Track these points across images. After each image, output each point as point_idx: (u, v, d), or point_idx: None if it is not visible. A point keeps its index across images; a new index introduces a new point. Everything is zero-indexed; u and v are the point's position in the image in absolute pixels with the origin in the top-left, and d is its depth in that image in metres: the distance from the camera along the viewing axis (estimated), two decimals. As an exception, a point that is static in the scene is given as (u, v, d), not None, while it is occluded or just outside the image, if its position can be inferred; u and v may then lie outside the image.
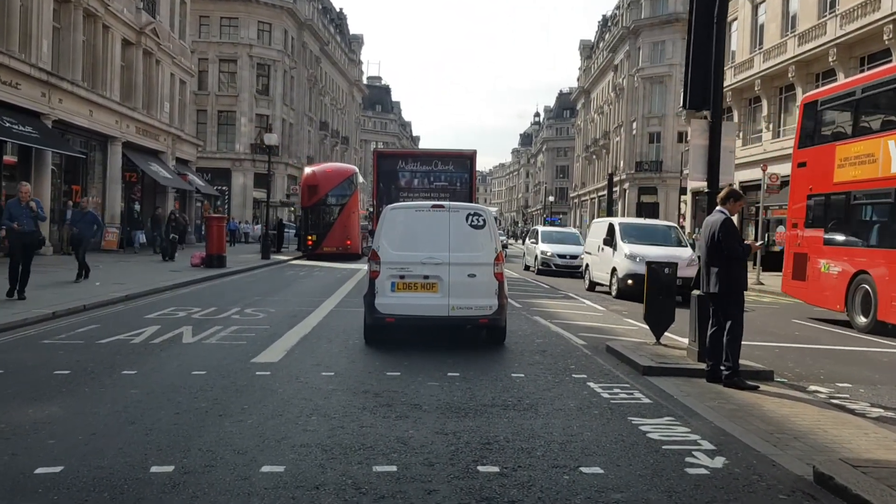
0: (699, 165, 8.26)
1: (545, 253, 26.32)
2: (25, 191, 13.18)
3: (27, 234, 12.77)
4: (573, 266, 25.16)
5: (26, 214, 12.78)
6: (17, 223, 12.78)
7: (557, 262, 25.96)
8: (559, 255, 26.11)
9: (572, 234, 30.59)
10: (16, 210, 12.84)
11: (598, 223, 21.57)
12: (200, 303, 13.87)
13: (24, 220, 12.72)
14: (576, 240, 28.26)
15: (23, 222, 12.71)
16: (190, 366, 7.86)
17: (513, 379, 7.46)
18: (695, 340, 8.22)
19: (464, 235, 9.20)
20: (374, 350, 9.16)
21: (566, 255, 25.95)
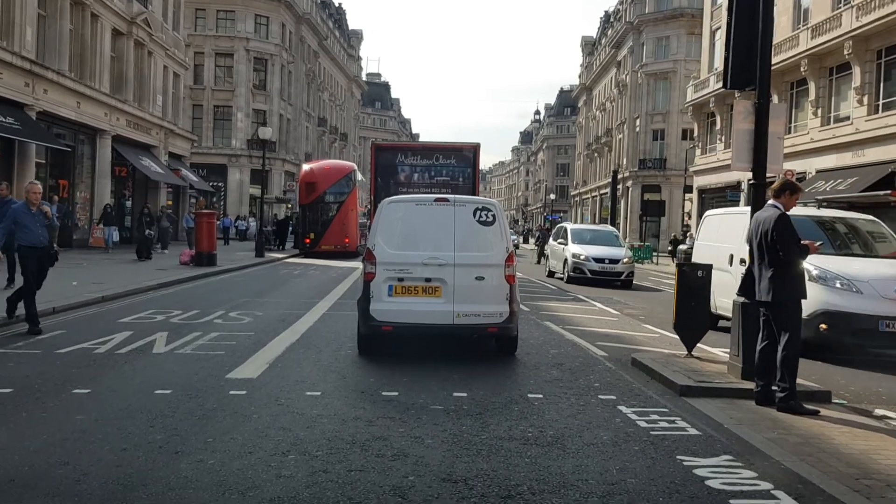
0: (743, 152, 7.17)
1: (578, 256, 21.38)
2: (36, 192, 9.81)
3: (39, 248, 9.63)
4: (614, 273, 21.05)
5: (39, 222, 9.61)
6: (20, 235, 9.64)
7: (593, 267, 21.02)
8: (595, 258, 21.18)
9: (609, 232, 25.03)
10: (25, 218, 9.54)
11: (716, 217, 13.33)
12: (182, 305, 12.80)
13: (36, 230, 9.55)
14: (613, 240, 23.40)
15: (36, 233, 9.56)
16: (154, 383, 6.78)
17: (530, 401, 6.37)
18: (738, 355, 7.14)
19: (471, 233, 8.12)
20: (369, 362, 8.08)
21: (604, 259, 21.14)
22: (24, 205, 9.74)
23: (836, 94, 29.79)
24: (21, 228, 9.54)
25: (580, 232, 23.96)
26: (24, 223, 9.53)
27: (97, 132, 28.91)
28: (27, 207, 9.66)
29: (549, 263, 25.08)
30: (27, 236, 9.52)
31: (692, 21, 54.72)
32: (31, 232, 9.52)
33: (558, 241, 23.83)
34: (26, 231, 9.53)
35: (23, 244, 9.60)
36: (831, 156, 29.13)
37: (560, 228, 25.65)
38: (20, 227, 9.53)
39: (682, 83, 53.53)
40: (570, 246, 22.19)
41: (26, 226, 9.50)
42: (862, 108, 27.53)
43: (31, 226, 9.54)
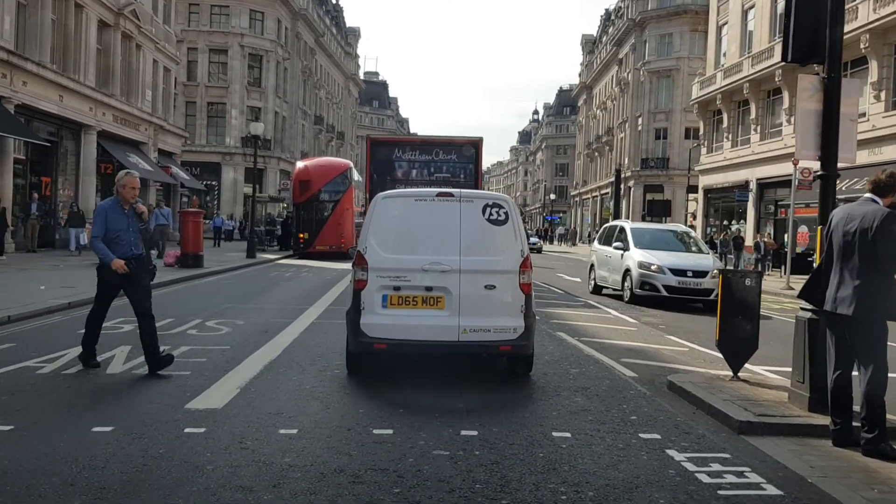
0: (809, 138, 5.96)
1: (647, 267, 15.47)
2: (134, 185, 7.42)
3: (134, 258, 7.31)
4: (699, 291, 15.04)
5: (133, 226, 7.35)
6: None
7: (670, 282, 15.13)
8: (673, 269, 15.23)
9: (681, 234, 18.50)
10: (117, 219, 7.22)
11: None
12: (156, 312, 11.19)
13: (128, 236, 7.26)
14: (691, 243, 17.56)
15: (126, 241, 7.25)
16: (95, 415, 5.56)
17: (556, 443, 5.14)
18: (802, 381, 5.93)
19: (480, 233, 6.89)
20: (359, 386, 6.85)
21: (686, 271, 15.12)
22: (116, 202, 7.28)
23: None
24: (108, 233, 7.19)
25: (644, 233, 17.44)
26: (113, 227, 7.16)
27: (82, 127, 27.67)
28: (119, 206, 7.25)
29: (596, 275, 18.33)
30: (114, 245, 7.17)
31: (696, 18, 53.62)
32: (121, 239, 7.19)
33: (613, 244, 17.24)
34: (115, 237, 7.19)
35: (107, 256, 7.15)
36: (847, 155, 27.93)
37: (611, 228, 18.97)
38: (113, 231, 7.19)
39: (686, 81, 52.40)
40: (634, 252, 16.08)
41: (116, 230, 7.18)
42: (879, 104, 26.38)
43: (121, 230, 7.19)
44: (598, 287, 18.20)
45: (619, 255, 16.72)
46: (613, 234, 18.08)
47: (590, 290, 18.55)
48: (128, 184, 7.38)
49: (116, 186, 7.40)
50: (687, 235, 18.53)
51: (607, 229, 19.36)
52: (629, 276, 15.94)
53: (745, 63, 35.76)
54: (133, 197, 7.43)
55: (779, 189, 33.84)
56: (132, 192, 7.44)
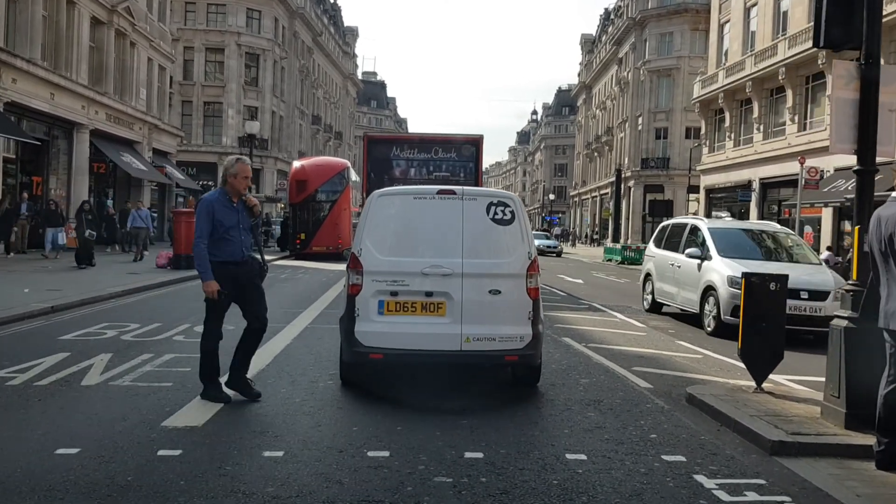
0: (845, 129, 5.47)
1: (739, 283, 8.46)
2: (247, 175, 6.27)
3: (239, 263, 6.18)
4: (820, 320, 10.30)
5: (243, 222, 6.22)
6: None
7: None
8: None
9: (777, 236, 13.55)
10: (227, 216, 6.09)
11: None
12: (143, 317, 11.06)
13: (238, 235, 6.14)
14: (791, 250, 12.99)
15: (237, 240, 6.14)
16: (62, 434, 5.05)
17: (571, 467, 4.63)
18: (837, 395, 5.43)
19: (484, 234, 6.37)
20: (353, 400, 6.34)
21: (800, 292, 10.74)
22: (223, 195, 6.15)
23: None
24: (214, 232, 6.05)
25: (729, 235, 12.82)
26: (221, 224, 6.02)
27: (74, 126, 27.12)
28: (227, 199, 6.13)
29: (655, 289, 14.18)
30: (223, 246, 6.05)
31: (696, 16, 53.22)
32: (230, 238, 6.06)
33: (684, 250, 12.91)
34: (223, 236, 6.03)
35: (213, 257, 6.02)
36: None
37: (677, 228, 14.40)
38: (222, 227, 6.06)
39: (686, 80, 51.96)
40: (718, 262, 11.69)
41: (225, 228, 6.03)
42: (887, 101, 25.87)
43: (231, 227, 6.06)
44: (656, 304, 14.22)
45: (695, 266, 12.30)
46: (681, 235, 13.70)
47: (644, 306, 14.68)
48: (240, 172, 6.15)
49: (225, 175, 6.21)
50: (788, 237, 13.73)
51: (670, 229, 14.86)
52: (714, 297, 11.39)
53: (747, 61, 35.27)
54: (245, 188, 6.26)
55: (782, 189, 33.37)
56: (244, 183, 6.21)
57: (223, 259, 6.05)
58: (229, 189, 6.19)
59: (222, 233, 6.04)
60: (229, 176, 6.19)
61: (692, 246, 12.76)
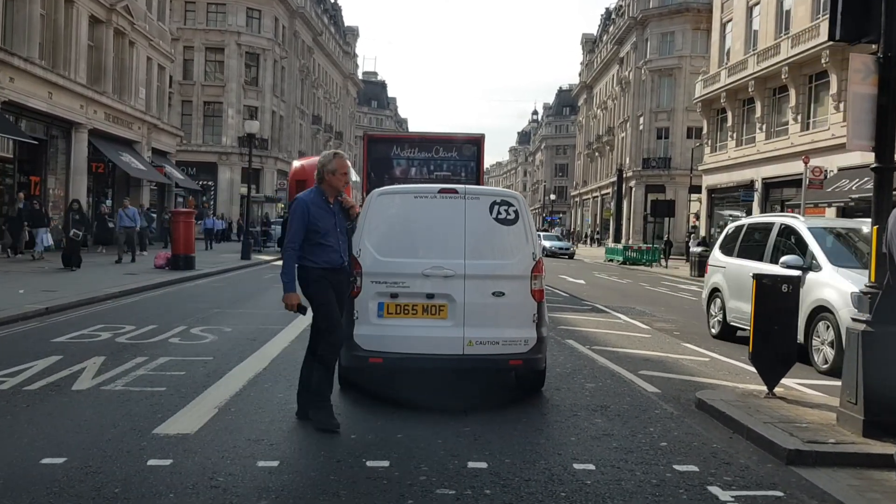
0: (862, 126, 5.27)
1: None
2: (346, 171, 5.62)
3: (338, 270, 5.52)
4: None
5: (340, 224, 5.58)
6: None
7: None
8: None
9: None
10: (323, 218, 5.42)
11: None
12: (139, 318, 10.86)
13: (336, 238, 5.49)
14: None
15: (335, 245, 5.48)
16: (49, 442, 4.85)
17: (579, 478, 4.42)
18: (855, 401, 5.23)
19: (487, 234, 6.17)
20: (352, 406, 6.14)
21: None
22: (319, 194, 5.48)
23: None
24: (310, 237, 5.36)
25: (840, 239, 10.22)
26: (318, 227, 5.36)
27: (72, 125, 26.94)
28: (324, 199, 5.48)
29: (727, 308, 10.95)
30: (319, 252, 5.38)
31: (698, 16, 53.04)
32: (327, 243, 5.39)
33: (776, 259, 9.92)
34: (319, 241, 5.37)
35: (312, 263, 5.37)
36: (855, 152, 27.17)
37: (762, 230, 11.14)
38: (309, 232, 5.36)
39: (688, 80, 51.76)
40: (831, 274, 8.93)
41: (322, 231, 5.37)
42: (891, 100, 25.67)
43: (328, 231, 5.41)
44: (728, 328, 10.92)
45: (805, 282, 8.84)
46: (765, 238, 10.66)
47: (712, 331, 11.42)
48: (339, 168, 5.46)
49: (321, 172, 5.49)
50: None
51: (745, 231, 11.64)
52: (830, 322, 8.54)
53: (749, 60, 35.05)
54: (343, 186, 5.59)
55: (785, 189, 33.16)
56: (343, 180, 5.53)
57: (323, 265, 5.40)
58: (326, 188, 5.49)
59: (318, 238, 5.36)
60: (326, 173, 5.47)
61: (787, 252, 9.77)
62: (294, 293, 5.43)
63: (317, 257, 5.40)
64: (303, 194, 5.57)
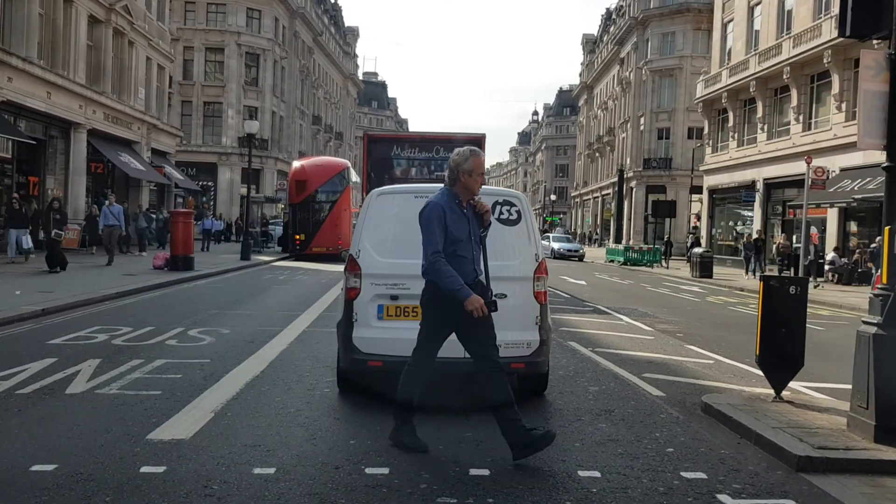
0: (873, 123, 5.15)
1: None
2: (482, 171, 5.05)
3: (475, 285, 4.88)
4: None
5: (476, 234, 4.95)
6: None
7: None
8: None
9: None
10: (458, 226, 4.81)
11: None
12: (136, 320, 10.74)
13: (471, 249, 4.89)
14: None
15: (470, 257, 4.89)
16: (39, 448, 4.73)
17: (584, 486, 4.30)
18: (866, 406, 5.10)
19: (489, 234, 6.04)
20: (351, 410, 6.02)
21: None
22: (452, 198, 4.84)
23: (861, 87, 27.73)
24: (448, 246, 4.73)
25: None
26: (452, 235, 4.73)
27: (71, 125, 26.83)
28: (457, 203, 4.83)
29: None
30: (453, 263, 4.73)
31: (699, 16, 52.98)
32: (462, 253, 4.79)
33: None
34: (453, 251, 4.74)
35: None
36: (857, 153, 27.05)
37: None
38: (447, 243, 4.72)
39: (689, 80, 51.67)
40: None
41: (455, 240, 4.75)
42: (894, 100, 25.54)
43: (462, 240, 4.79)
44: None
45: None
46: None
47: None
48: (475, 168, 4.80)
49: (455, 173, 4.81)
50: None
51: None
52: None
53: (751, 60, 34.95)
54: (479, 188, 4.95)
55: (787, 189, 33.05)
56: (480, 181, 4.89)
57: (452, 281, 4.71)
58: (460, 190, 4.83)
59: (451, 247, 4.73)
60: (462, 173, 4.80)
61: None
62: (473, 295, 4.65)
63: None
64: (436, 197, 4.88)
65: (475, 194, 4.90)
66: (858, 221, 28.60)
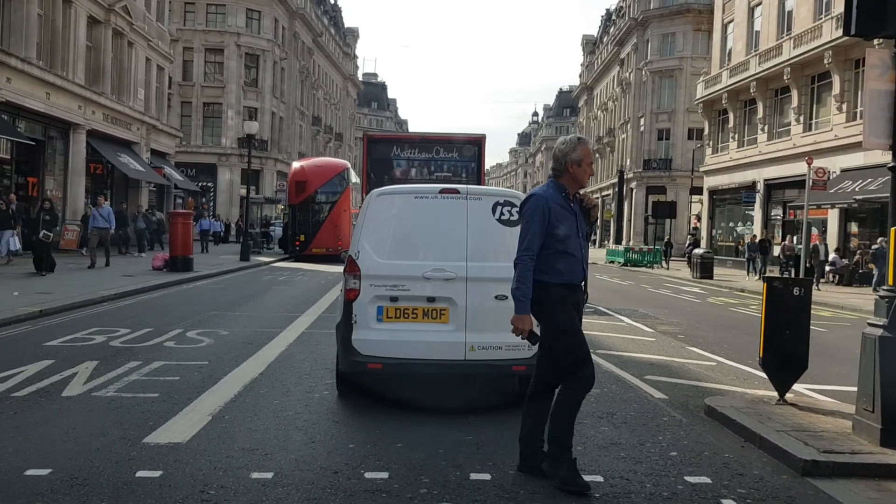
0: (879, 123, 5.08)
1: None
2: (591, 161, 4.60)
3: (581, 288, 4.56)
4: None
5: (583, 230, 4.54)
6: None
7: None
8: None
9: None
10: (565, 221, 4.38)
11: None
12: (135, 321, 10.67)
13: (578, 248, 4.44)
14: None
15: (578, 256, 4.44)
16: (34, 452, 4.66)
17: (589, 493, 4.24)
18: (872, 409, 5.04)
19: (489, 235, 5.98)
20: (350, 413, 5.95)
21: None
22: (559, 190, 4.43)
23: (861, 87, 27.61)
24: (548, 241, 4.32)
25: None
26: (558, 231, 4.32)
27: (70, 126, 26.76)
28: (564, 197, 4.43)
29: None
30: (561, 262, 4.34)
31: (699, 17, 52.90)
32: (570, 252, 4.36)
33: None
34: (560, 249, 4.33)
35: (551, 278, 4.31)
36: (858, 154, 27.01)
37: None
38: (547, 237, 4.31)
39: (689, 80, 51.59)
40: None
41: (563, 237, 4.33)
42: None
43: (570, 236, 4.35)
44: None
45: None
46: None
47: None
48: (584, 157, 4.41)
49: (563, 163, 4.42)
50: None
51: None
52: None
53: (751, 61, 34.89)
54: (587, 179, 4.53)
55: (787, 190, 32.98)
56: (589, 172, 4.50)
57: (566, 280, 4.34)
58: (567, 182, 4.44)
59: (558, 244, 4.30)
60: (570, 164, 4.40)
61: None
62: (529, 315, 4.30)
63: (557, 270, 4.30)
64: (539, 190, 4.49)
65: (583, 186, 4.52)
66: (859, 222, 28.54)
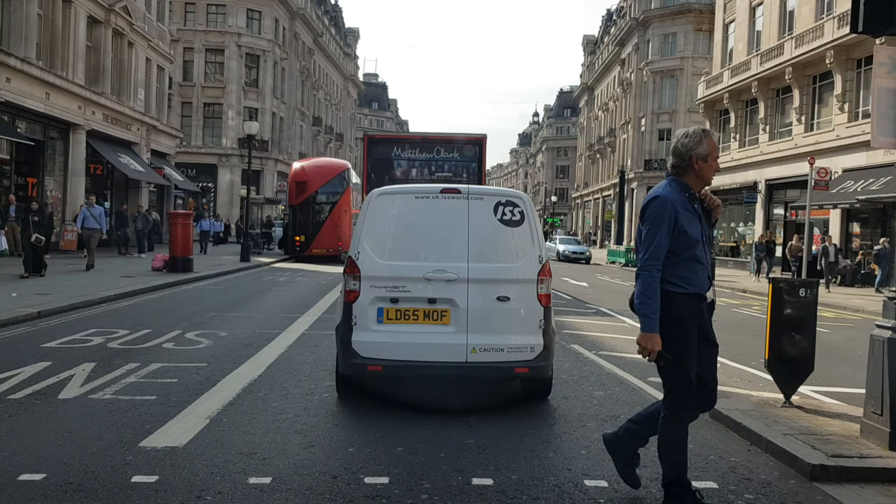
0: (887, 121, 5.00)
1: None
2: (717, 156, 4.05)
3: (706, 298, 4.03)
4: None
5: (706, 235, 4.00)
6: None
7: None
8: None
9: None
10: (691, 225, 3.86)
11: None
12: (133, 322, 10.60)
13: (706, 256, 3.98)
14: None
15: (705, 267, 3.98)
16: (29, 456, 4.58)
17: (591, 496, 4.15)
18: (880, 412, 4.95)
19: (491, 236, 5.90)
20: (349, 416, 5.87)
21: None
22: (683, 190, 3.92)
23: (863, 87, 27.55)
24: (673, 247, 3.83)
25: None
26: (686, 236, 3.82)
27: (70, 126, 26.68)
28: (688, 198, 3.91)
29: None
30: (687, 270, 3.86)
31: (700, 17, 52.86)
32: (696, 260, 3.87)
33: None
34: (687, 256, 3.85)
35: (678, 288, 3.82)
36: (860, 154, 26.94)
37: None
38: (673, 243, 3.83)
39: (690, 80, 51.53)
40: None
41: (689, 243, 3.83)
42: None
43: (696, 242, 3.85)
44: None
45: None
46: None
47: None
48: (711, 151, 3.90)
49: (687, 158, 3.89)
50: None
51: None
52: None
53: (753, 61, 34.79)
54: (712, 176, 4.00)
55: (789, 190, 32.90)
56: (715, 167, 3.98)
57: (693, 290, 3.86)
58: (692, 180, 3.91)
59: (686, 250, 3.82)
60: (696, 159, 3.86)
61: None
62: (657, 334, 3.74)
63: (685, 279, 3.82)
64: (662, 190, 3.90)
65: (708, 184, 4.00)
66: (861, 223, 28.44)
